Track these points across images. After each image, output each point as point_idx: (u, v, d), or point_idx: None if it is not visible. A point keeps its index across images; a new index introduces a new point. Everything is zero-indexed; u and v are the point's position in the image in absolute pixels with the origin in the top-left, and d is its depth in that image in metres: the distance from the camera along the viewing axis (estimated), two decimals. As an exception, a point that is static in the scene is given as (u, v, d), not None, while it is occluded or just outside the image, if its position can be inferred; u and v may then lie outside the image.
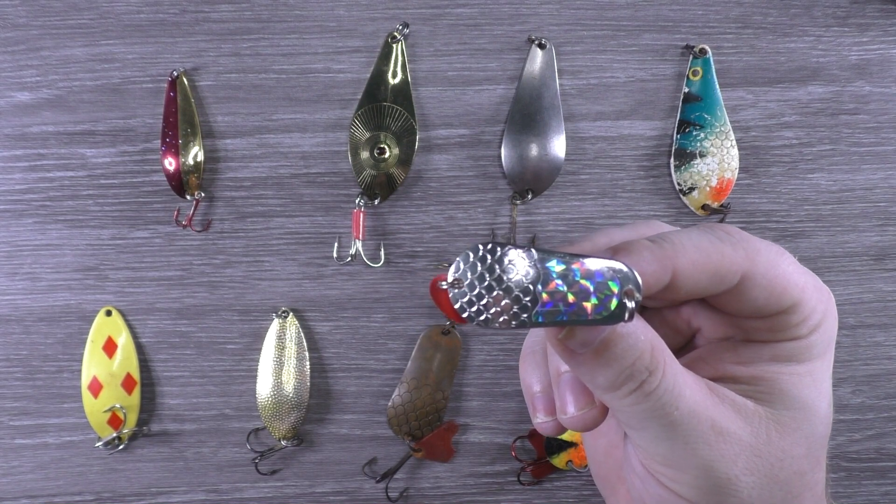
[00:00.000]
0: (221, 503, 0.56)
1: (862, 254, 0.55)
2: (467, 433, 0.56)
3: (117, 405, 0.54)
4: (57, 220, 0.54)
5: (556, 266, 0.21)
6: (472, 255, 0.21)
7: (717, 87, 0.54)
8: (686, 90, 0.54)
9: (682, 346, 0.29)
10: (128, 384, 0.54)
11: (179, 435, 0.55)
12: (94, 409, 0.54)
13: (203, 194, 0.54)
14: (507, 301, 0.21)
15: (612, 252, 0.23)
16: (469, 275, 0.21)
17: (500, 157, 0.54)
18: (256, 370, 0.54)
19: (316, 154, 0.54)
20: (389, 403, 0.54)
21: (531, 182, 0.54)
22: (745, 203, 0.55)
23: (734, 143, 0.54)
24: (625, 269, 0.21)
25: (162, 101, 0.54)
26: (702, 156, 0.54)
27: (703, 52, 0.54)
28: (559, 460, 0.54)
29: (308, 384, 0.54)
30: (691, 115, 0.54)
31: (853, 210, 0.55)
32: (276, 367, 0.54)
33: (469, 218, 0.55)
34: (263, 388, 0.54)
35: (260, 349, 0.54)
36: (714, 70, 0.54)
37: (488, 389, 0.56)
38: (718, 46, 0.54)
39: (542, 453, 0.55)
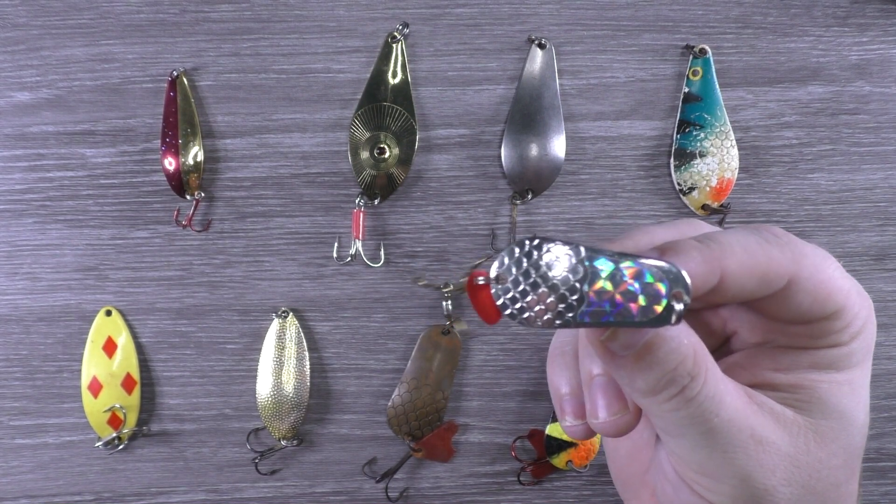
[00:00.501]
0: (221, 503, 0.56)
1: (862, 254, 0.55)
2: (467, 433, 0.56)
3: (117, 405, 0.54)
4: (57, 220, 0.54)
5: (604, 265, 0.20)
6: (517, 249, 0.20)
7: (717, 87, 0.54)
8: (686, 90, 0.54)
9: (715, 350, 0.28)
10: (128, 384, 0.54)
11: (179, 435, 0.55)
12: (94, 409, 0.54)
13: (203, 194, 0.54)
14: (552, 299, 0.20)
15: (660, 252, 0.22)
16: (514, 270, 0.20)
17: (500, 157, 0.54)
18: (256, 370, 0.54)
19: (316, 154, 0.54)
20: (389, 403, 0.54)
21: (531, 182, 0.54)
22: (745, 203, 0.55)
23: (734, 143, 0.54)
24: (674, 270, 0.20)
25: (162, 101, 0.54)
26: (702, 156, 0.54)
27: (703, 52, 0.54)
28: (559, 460, 0.54)
29: (308, 384, 0.54)
30: (691, 115, 0.54)
31: (853, 210, 0.55)
32: (276, 367, 0.54)
33: (469, 218, 0.55)
34: (263, 388, 0.54)
35: (260, 349, 0.54)
36: (714, 70, 0.54)
37: (488, 389, 0.56)
38: (718, 46, 0.54)
39: (542, 453, 0.55)
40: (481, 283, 0.21)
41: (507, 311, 0.20)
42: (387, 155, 0.53)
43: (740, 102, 0.55)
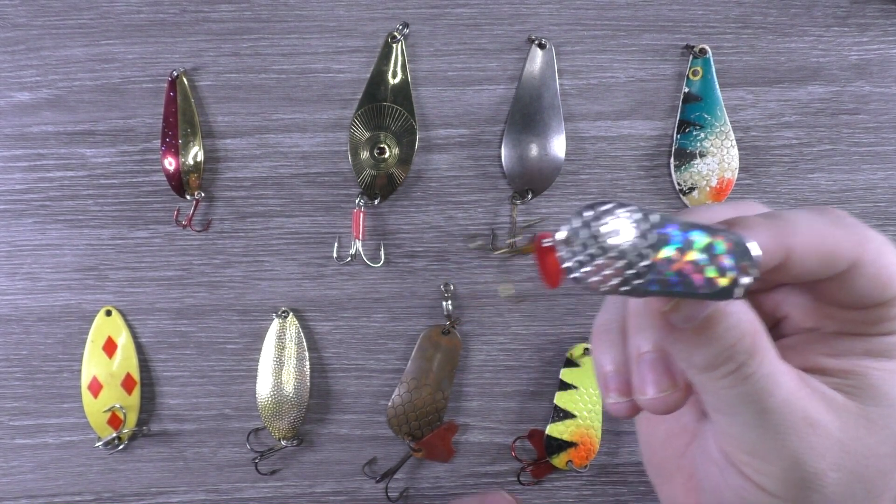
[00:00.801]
0: (221, 503, 0.56)
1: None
2: (467, 433, 0.56)
3: (117, 405, 0.54)
4: (57, 220, 0.54)
5: (674, 233, 0.20)
6: (588, 212, 0.20)
7: (717, 87, 0.54)
8: (686, 90, 0.54)
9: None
10: (128, 384, 0.54)
11: (179, 435, 0.55)
12: (94, 409, 0.54)
13: (203, 194, 0.54)
14: (620, 264, 0.20)
15: (727, 226, 0.22)
16: (582, 233, 0.20)
17: (500, 157, 0.54)
18: (256, 370, 0.54)
19: (316, 154, 0.54)
20: (389, 403, 0.54)
21: (531, 182, 0.54)
22: (745, 203, 0.55)
23: (734, 143, 0.54)
24: (744, 242, 0.20)
25: (162, 101, 0.54)
26: (702, 156, 0.54)
27: (703, 52, 0.54)
28: (559, 460, 0.54)
29: (308, 384, 0.54)
30: (691, 115, 0.54)
31: (853, 210, 0.55)
32: (276, 367, 0.54)
33: (469, 218, 0.55)
34: (263, 388, 0.54)
35: (260, 349, 0.54)
36: (714, 70, 0.54)
37: (488, 389, 0.56)
38: (718, 46, 0.54)
39: (542, 453, 0.55)
40: (548, 244, 0.20)
41: (573, 275, 0.20)
42: (387, 155, 0.53)
43: (740, 102, 0.55)
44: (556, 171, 0.54)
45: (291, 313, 0.54)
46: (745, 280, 0.20)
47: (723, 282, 0.20)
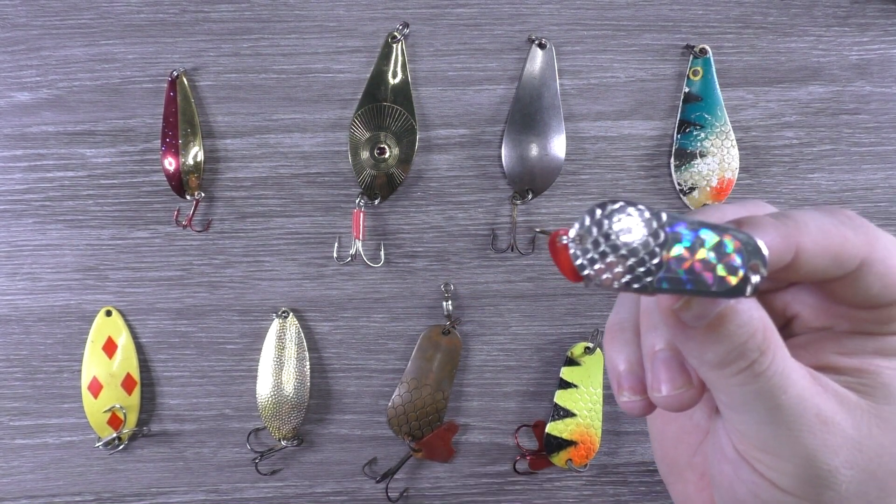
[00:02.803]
0: (221, 503, 0.56)
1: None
2: (467, 433, 0.56)
3: (117, 405, 0.54)
4: (57, 220, 0.54)
5: (684, 231, 0.20)
6: (599, 210, 0.20)
7: (718, 86, 0.54)
8: (686, 90, 0.54)
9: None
10: (128, 384, 0.54)
11: (179, 435, 0.55)
12: (94, 409, 0.54)
13: (203, 194, 0.54)
14: (631, 262, 0.20)
15: (737, 225, 0.22)
16: (594, 231, 0.20)
17: (500, 157, 0.54)
18: (256, 370, 0.54)
19: (316, 154, 0.54)
20: (389, 403, 0.54)
21: (531, 182, 0.54)
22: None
23: (734, 143, 0.54)
24: (753, 241, 0.20)
25: (162, 101, 0.54)
26: (702, 156, 0.54)
27: (703, 51, 0.54)
28: (559, 459, 0.54)
29: (308, 384, 0.54)
30: (692, 114, 0.54)
31: (853, 210, 0.55)
32: (276, 367, 0.54)
33: (469, 218, 0.55)
34: (263, 388, 0.54)
35: (260, 349, 0.54)
36: (714, 70, 0.54)
37: (488, 389, 0.56)
38: (719, 46, 0.54)
39: (543, 445, 0.55)
40: (564, 242, 0.21)
41: (586, 272, 0.20)
42: (387, 155, 0.53)
43: (741, 102, 0.55)
44: (556, 171, 0.54)
45: (291, 313, 0.54)
46: (756, 278, 0.20)
47: (733, 280, 0.20)
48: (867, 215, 0.55)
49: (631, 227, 0.20)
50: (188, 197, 0.53)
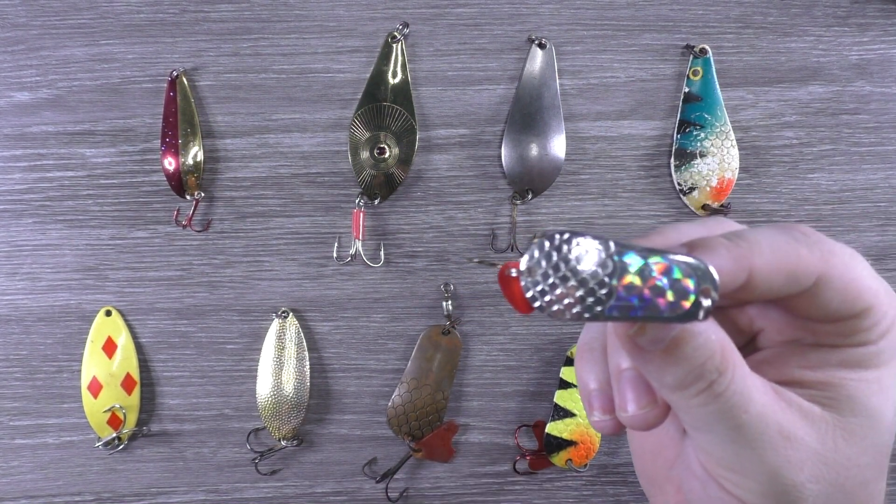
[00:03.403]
0: (221, 503, 0.56)
1: (862, 254, 0.55)
2: (467, 433, 0.56)
3: (117, 405, 0.54)
4: (57, 220, 0.54)
5: (632, 259, 0.20)
6: (547, 243, 0.20)
7: (718, 86, 0.54)
8: (686, 90, 0.54)
9: (742, 347, 0.28)
10: (127, 384, 0.54)
11: (179, 435, 0.55)
12: (94, 409, 0.54)
13: (203, 194, 0.54)
14: (581, 293, 0.20)
15: (689, 248, 0.23)
16: (543, 263, 0.20)
17: (500, 157, 0.54)
18: (256, 370, 0.54)
19: (316, 154, 0.54)
20: (389, 403, 0.54)
21: (531, 182, 0.54)
22: (746, 203, 0.55)
23: (734, 142, 0.54)
24: (702, 266, 0.20)
25: (162, 101, 0.54)
26: (702, 156, 0.54)
27: (703, 51, 0.54)
28: (559, 459, 0.54)
29: (308, 384, 0.54)
30: (692, 114, 0.54)
31: (854, 210, 0.55)
32: (276, 367, 0.54)
33: (469, 218, 0.55)
34: (263, 388, 0.54)
35: (260, 349, 0.54)
36: (714, 70, 0.54)
37: (488, 389, 0.56)
38: (719, 46, 0.54)
39: (542, 445, 0.55)
40: (513, 274, 0.21)
41: (537, 304, 0.21)
42: (387, 155, 0.53)
43: (741, 102, 0.55)
44: (556, 171, 0.54)
45: (291, 313, 0.54)
46: (707, 302, 0.20)
47: (685, 305, 0.20)
48: (867, 215, 0.55)
49: (580, 256, 0.20)
50: (188, 197, 0.53)
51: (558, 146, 0.53)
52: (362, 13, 0.54)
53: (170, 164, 0.53)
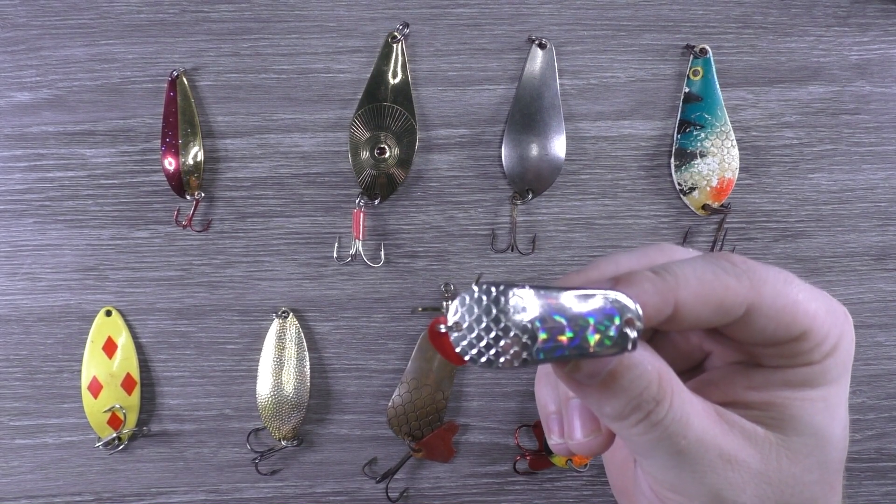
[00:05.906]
0: (221, 503, 0.56)
1: (862, 254, 0.55)
2: (467, 433, 0.56)
3: (117, 405, 0.54)
4: (57, 220, 0.54)
5: (557, 303, 0.21)
6: (468, 297, 0.21)
7: (718, 87, 0.54)
8: (686, 90, 0.54)
9: (693, 368, 0.28)
10: (128, 384, 0.54)
11: (179, 435, 0.55)
12: (94, 409, 0.54)
13: (203, 194, 0.54)
14: (505, 341, 0.20)
15: (614, 283, 0.23)
16: (467, 317, 0.21)
17: (500, 157, 0.54)
18: (256, 370, 0.54)
19: (316, 154, 0.54)
20: (389, 403, 0.54)
21: (531, 182, 0.54)
22: (746, 203, 0.55)
23: (734, 143, 0.54)
24: (622, 299, 0.21)
25: (162, 101, 0.53)
26: (702, 156, 0.54)
27: (703, 51, 0.54)
28: (559, 459, 0.54)
29: (308, 384, 0.54)
30: (692, 114, 0.54)
31: (854, 210, 0.55)
32: (276, 367, 0.54)
33: (469, 218, 0.55)
34: (263, 388, 0.54)
35: (260, 349, 0.54)
36: (714, 70, 0.54)
37: (488, 389, 0.56)
38: (719, 46, 0.54)
39: (543, 445, 0.55)
40: (442, 330, 0.21)
41: (467, 357, 0.21)
42: (387, 155, 0.53)
43: (741, 102, 0.55)
44: (556, 171, 0.54)
45: (291, 313, 0.54)
46: (633, 333, 0.21)
47: (611, 336, 0.21)
48: (867, 215, 0.55)
49: (501, 306, 0.21)
50: (188, 197, 0.53)
51: (558, 146, 0.53)
52: (362, 13, 0.54)
53: (170, 164, 0.53)
